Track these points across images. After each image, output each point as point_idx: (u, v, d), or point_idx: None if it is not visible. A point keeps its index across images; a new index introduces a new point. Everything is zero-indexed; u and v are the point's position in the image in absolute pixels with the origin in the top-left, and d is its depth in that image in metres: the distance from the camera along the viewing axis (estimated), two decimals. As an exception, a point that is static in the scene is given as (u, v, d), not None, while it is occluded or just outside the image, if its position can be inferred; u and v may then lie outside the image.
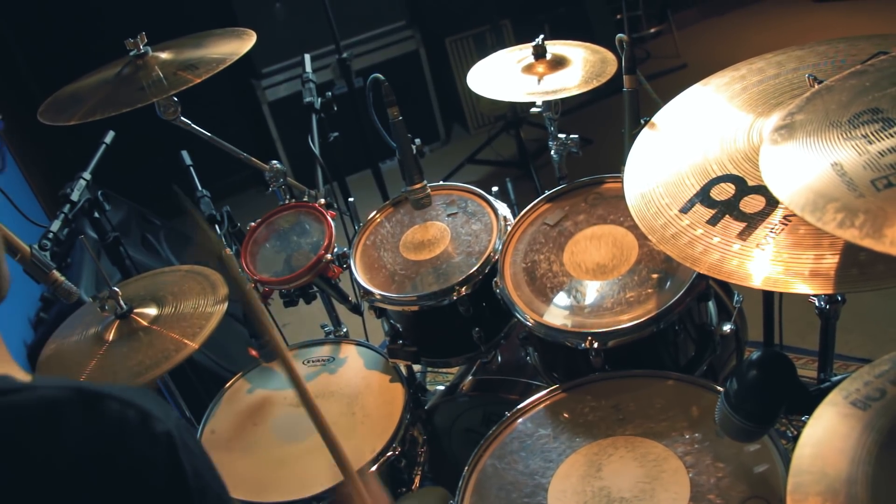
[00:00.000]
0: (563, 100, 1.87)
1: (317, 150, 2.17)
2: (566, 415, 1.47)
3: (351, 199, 2.25)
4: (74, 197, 1.86)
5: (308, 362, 1.94)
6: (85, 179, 1.91)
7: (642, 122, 1.48)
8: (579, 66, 1.89)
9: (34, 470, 0.66)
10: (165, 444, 0.71)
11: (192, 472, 0.73)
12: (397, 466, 1.68)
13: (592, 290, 1.59)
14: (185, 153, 2.14)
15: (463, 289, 1.75)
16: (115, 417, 0.70)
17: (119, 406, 0.71)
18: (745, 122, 1.27)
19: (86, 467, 0.68)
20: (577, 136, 1.97)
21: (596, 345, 1.50)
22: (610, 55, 1.89)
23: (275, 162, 2.04)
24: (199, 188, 2.05)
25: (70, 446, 0.68)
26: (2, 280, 0.80)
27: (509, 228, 1.81)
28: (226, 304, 1.78)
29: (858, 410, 0.89)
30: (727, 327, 1.62)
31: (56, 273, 1.62)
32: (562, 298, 1.61)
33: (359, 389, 1.81)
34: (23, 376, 0.72)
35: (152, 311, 1.80)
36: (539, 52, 1.92)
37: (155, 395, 0.77)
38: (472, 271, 1.76)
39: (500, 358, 1.97)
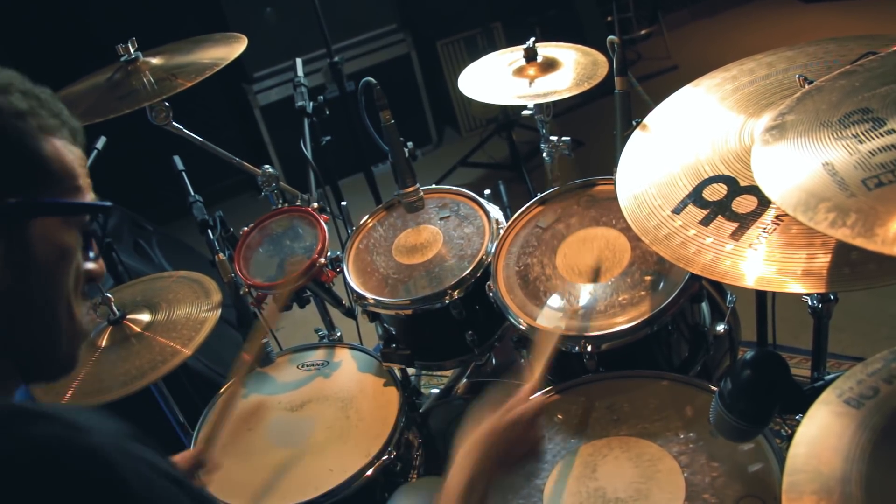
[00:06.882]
0: (554, 102, 1.87)
1: (309, 154, 2.16)
2: (560, 416, 1.47)
3: (343, 203, 2.25)
4: (66, 203, 1.84)
5: (302, 366, 1.93)
6: (76, 185, 1.90)
7: (634, 123, 1.49)
8: (570, 68, 1.89)
9: None
10: (99, 457, 0.67)
11: (138, 484, 0.68)
12: (393, 470, 1.67)
13: (585, 293, 1.59)
14: (177, 158, 2.13)
15: (455, 292, 1.75)
16: (37, 435, 0.66)
17: (43, 422, 0.67)
18: (737, 123, 1.27)
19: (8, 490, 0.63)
20: (568, 138, 1.97)
21: (589, 348, 1.50)
22: (601, 57, 1.89)
23: (267, 166, 2.03)
24: (192, 193, 2.04)
25: None
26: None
27: (502, 231, 1.81)
28: (219, 311, 1.77)
29: (852, 409, 0.90)
30: (720, 327, 1.62)
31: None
32: (555, 301, 1.61)
33: (353, 393, 1.80)
34: None
35: (145, 317, 1.80)
36: (530, 55, 1.93)
37: (91, 411, 0.73)
38: (464, 275, 1.76)
39: (493, 360, 1.97)
